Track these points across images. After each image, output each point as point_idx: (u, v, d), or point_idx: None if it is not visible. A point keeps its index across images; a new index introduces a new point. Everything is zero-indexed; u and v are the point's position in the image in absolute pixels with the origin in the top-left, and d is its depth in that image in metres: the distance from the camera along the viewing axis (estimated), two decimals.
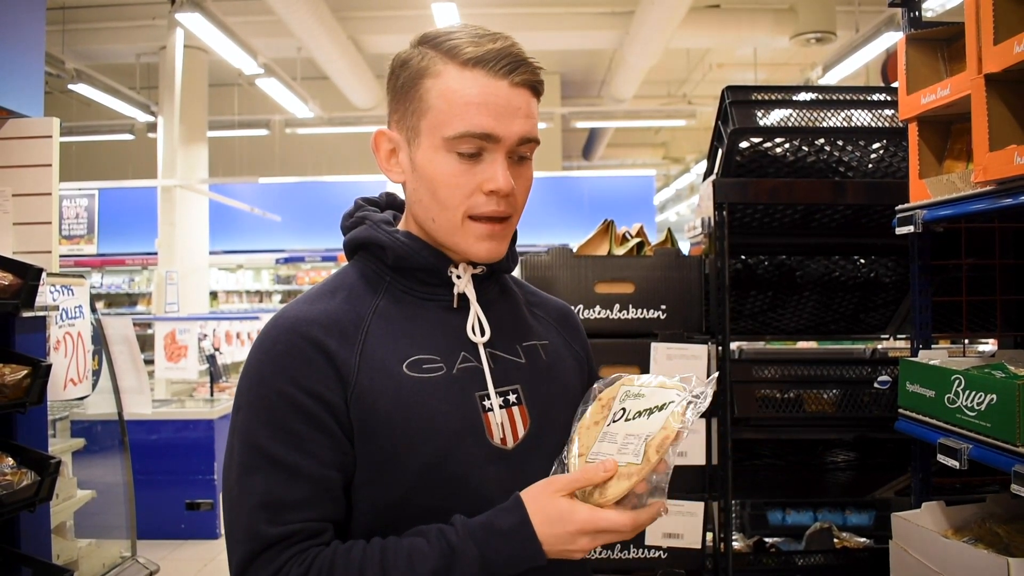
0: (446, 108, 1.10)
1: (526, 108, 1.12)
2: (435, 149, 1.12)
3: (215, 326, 6.47)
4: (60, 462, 2.46)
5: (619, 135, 17.30)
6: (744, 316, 2.95)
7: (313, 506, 1.05)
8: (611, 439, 1.09)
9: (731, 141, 2.39)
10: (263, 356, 1.10)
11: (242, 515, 1.05)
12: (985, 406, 1.59)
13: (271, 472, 1.05)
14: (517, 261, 1.32)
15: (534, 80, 1.13)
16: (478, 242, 1.14)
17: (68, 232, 12.34)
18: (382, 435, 1.08)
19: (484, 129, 1.09)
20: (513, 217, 1.16)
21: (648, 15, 9.00)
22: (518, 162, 1.14)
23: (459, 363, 1.15)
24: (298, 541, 1.03)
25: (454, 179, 1.11)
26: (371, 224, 1.21)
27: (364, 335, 1.13)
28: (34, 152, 2.80)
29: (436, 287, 1.19)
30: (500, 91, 1.10)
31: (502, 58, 1.10)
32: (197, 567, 5.10)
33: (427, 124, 1.12)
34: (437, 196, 1.13)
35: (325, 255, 13.26)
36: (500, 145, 1.10)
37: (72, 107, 11.36)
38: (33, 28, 2.91)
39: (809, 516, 2.95)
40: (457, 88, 1.10)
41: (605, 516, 1.02)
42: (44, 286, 2.49)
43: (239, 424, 1.10)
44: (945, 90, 1.78)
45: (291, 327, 1.11)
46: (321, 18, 9.23)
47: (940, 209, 1.81)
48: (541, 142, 1.20)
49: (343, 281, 1.21)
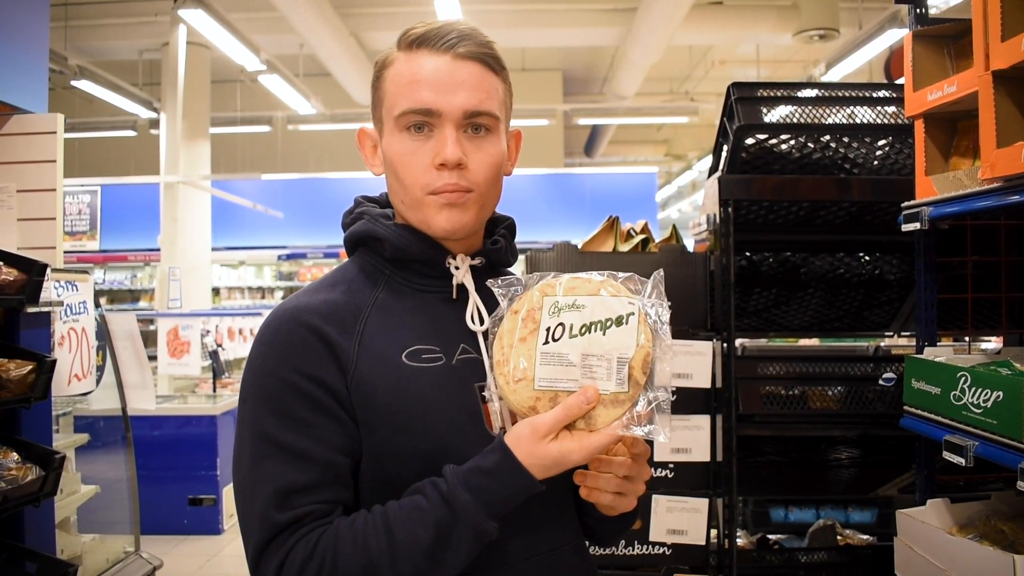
0: (395, 90, 1.14)
1: (473, 81, 1.13)
2: (391, 132, 1.16)
3: (217, 322, 6.48)
4: (64, 457, 2.46)
5: (621, 132, 17.28)
6: (748, 313, 2.95)
7: (322, 489, 1.06)
8: (560, 360, 1.04)
9: (736, 137, 2.38)
10: (265, 346, 1.12)
11: (255, 504, 1.06)
12: (991, 403, 1.59)
13: (280, 458, 1.06)
14: (517, 256, 1.32)
15: (481, 52, 1.14)
16: (438, 212, 1.14)
17: (71, 228, 12.36)
18: (381, 423, 1.09)
19: (424, 104, 1.11)
20: (473, 193, 1.14)
21: (651, 12, 8.98)
22: (476, 135, 1.15)
23: (458, 354, 1.16)
24: (307, 524, 1.04)
25: (408, 156, 1.14)
26: (369, 218, 1.22)
27: (363, 325, 1.14)
28: (38, 148, 2.80)
29: (435, 279, 1.20)
30: (442, 65, 1.12)
31: (445, 35, 1.13)
32: (200, 562, 5.11)
33: (385, 110, 1.17)
34: (399, 176, 1.15)
35: (327, 251, 13.27)
36: (444, 119, 1.12)
37: (75, 103, 11.36)
38: (37, 24, 2.90)
39: (812, 513, 2.95)
40: (403, 70, 1.14)
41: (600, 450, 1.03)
42: (48, 282, 2.49)
43: (246, 414, 1.11)
44: (952, 87, 1.77)
45: (291, 316, 1.12)
46: (323, 14, 9.22)
47: (946, 206, 1.81)
48: (538, 135, 1.20)
49: (343, 275, 1.22)
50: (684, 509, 2.36)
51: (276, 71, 9.80)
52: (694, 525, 2.38)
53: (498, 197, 1.22)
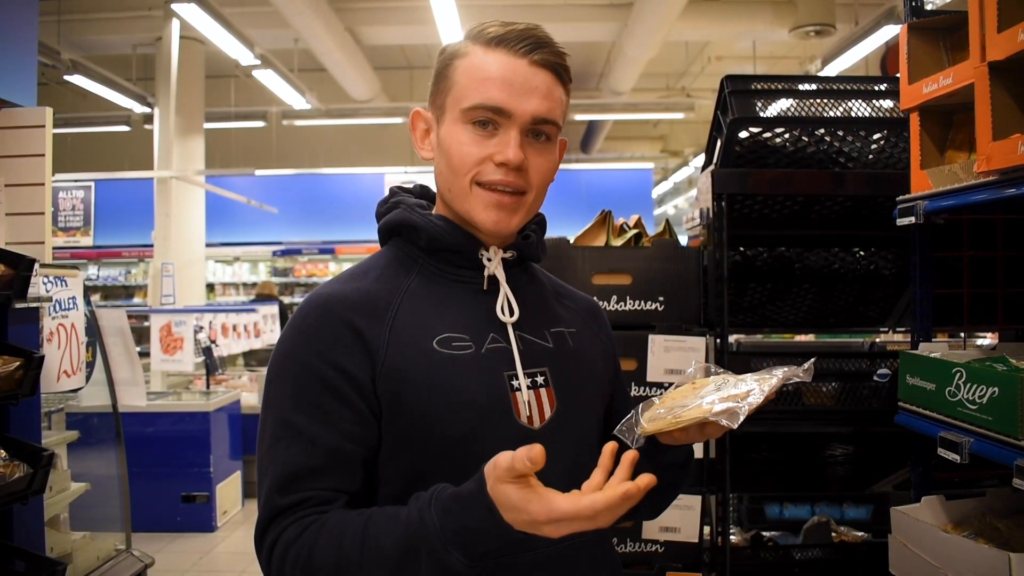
0: (466, 83, 1.16)
1: (544, 89, 1.16)
2: (454, 121, 1.17)
3: (211, 318, 6.44)
4: (53, 454, 2.44)
5: (617, 128, 17.24)
6: (742, 309, 2.93)
7: (326, 475, 1.08)
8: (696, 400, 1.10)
9: (730, 131, 2.37)
10: (294, 331, 1.15)
11: (264, 485, 1.10)
12: (987, 399, 1.57)
13: (291, 441, 1.09)
14: (546, 252, 1.35)
15: (555, 62, 1.17)
16: (485, 210, 1.16)
17: (64, 224, 12.29)
18: (412, 407, 1.11)
19: (496, 102, 1.13)
20: (527, 194, 1.18)
21: (647, 7, 8.96)
22: (537, 141, 1.17)
23: (488, 343, 1.18)
24: (305, 508, 1.06)
25: (466, 147, 1.15)
26: (406, 207, 1.25)
27: (395, 311, 1.16)
28: (27, 142, 2.77)
29: (467, 269, 1.23)
30: (518, 68, 1.15)
31: (524, 39, 1.15)
32: (193, 560, 5.09)
33: (451, 99, 1.18)
34: (451, 164, 1.17)
35: (322, 247, 13.24)
36: (513, 120, 1.14)
37: (68, 98, 11.29)
38: (25, 17, 2.87)
39: (807, 510, 2.94)
40: (479, 64, 1.15)
41: (558, 507, 0.92)
42: (37, 277, 2.47)
43: (269, 395, 1.15)
44: (947, 79, 1.75)
45: (323, 303, 1.15)
46: (318, 9, 9.18)
47: (942, 200, 1.79)
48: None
49: (376, 263, 1.25)
50: (677, 506, 2.34)
51: (271, 66, 9.75)
52: (687, 522, 2.37)
53: (542, 203, 1.25)
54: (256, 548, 1.09)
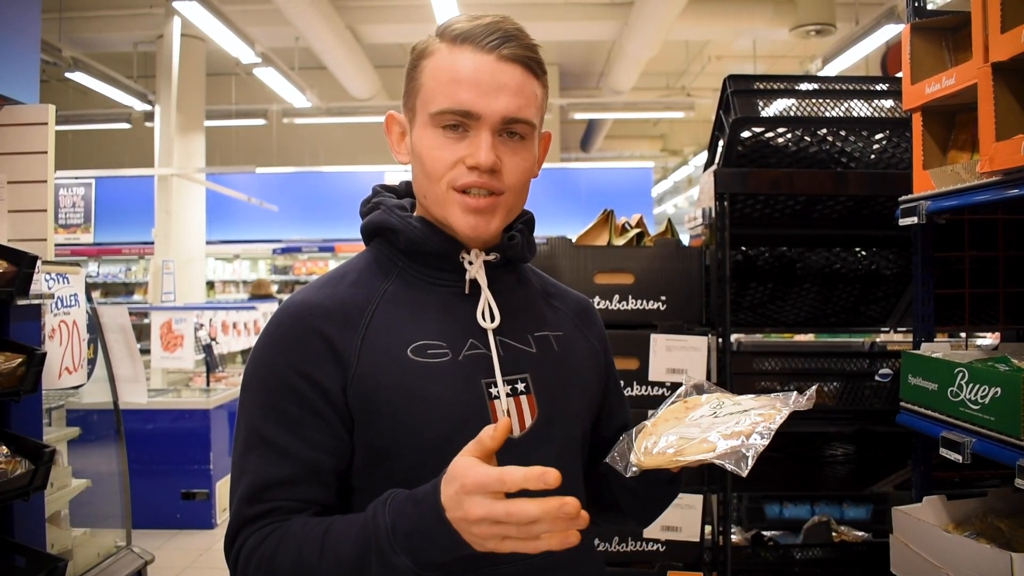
0: (433, 85, 1.11)
1: (514, 86, 1.10)
2: (424, 126, 1.13)
3: (211, 316, 6.44)
4: (54, 451, 2.44)
5: (617, 127, 17.26)
6: (744, 308, 2.94)
7: (294, 486, 1.06)
8: (692, 426, 1.05)
9: (733, 131, 2.37)
10: (267, 339, 1.13)
11: (235, 495, 1.09)
12: (989, 399, 1.57)
13: (263, 452, 1.08)
14: (535, 251, 1.30)
15: (525, 55, 1.11)
16: (463, 216, 1.12)
17: (65, 221, 12.26)
18: (384, 416, 1.08)
19: (464, 106, 1.08)
20: (504, 195, 1.13)
21: (647, 6, 8.96)
22: (511, 140, 1.12)
23: (466, 349, 1.14)
24: (271, 518, 1.05)
25: (437, 152, 1.11)
26: (385, 209, 1.21)
27: (369, 319, 1.13)
28: (29, 139, 2.77)
29: (448, 272, 1.19)
30: (485, 66, 1.09)
31: (490, 33, 1.10)
32: (192, 557, 5.09)
33: (420, 103, 1.14)
34: (425, 169, 1.13)
35: (322, 245, 13.23)
36: (483, 122, 1.09)
37: (69, 95, 11.28)
38: (28, 14, 2.87)
39: (807, 509, 2.94)
40: (445, 65, 1.11)
41: (474, 469, 0.88)
42: (39, 274, 2.47)
43: (243, 403, 1.13)
44: (950, 79, 1.75)
45: (295, 312, 1.13)
46: (319, 7, 9.18)
47: (944, 200, 1.79)
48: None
49: (354, 266, 1.22)
50: (678, 505, 2.35)
51: (271, 64, 9.76)
52: (688, 521, 2.37)
53: (524, 201, 1.21)
54: (225, 557, 1.08)
